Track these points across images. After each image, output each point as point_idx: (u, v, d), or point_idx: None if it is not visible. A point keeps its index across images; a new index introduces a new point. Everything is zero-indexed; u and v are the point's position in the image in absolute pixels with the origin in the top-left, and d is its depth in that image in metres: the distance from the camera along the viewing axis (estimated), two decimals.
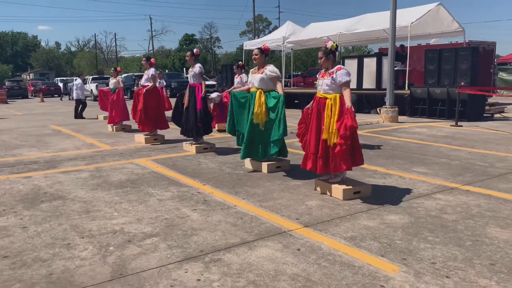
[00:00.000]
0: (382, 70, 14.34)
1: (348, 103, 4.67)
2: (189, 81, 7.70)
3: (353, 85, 15.04)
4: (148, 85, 8.79)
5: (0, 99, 28.20)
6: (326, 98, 4.87)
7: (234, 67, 10.66)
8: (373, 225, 4.02)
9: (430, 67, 12.96)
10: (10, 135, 10.81)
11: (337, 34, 15.85)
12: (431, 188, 5.25)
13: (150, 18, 69.16)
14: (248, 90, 6.34)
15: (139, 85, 9.11)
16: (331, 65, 4.95)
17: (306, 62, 56.80)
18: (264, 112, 5.87)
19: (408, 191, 5.15)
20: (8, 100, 29.75)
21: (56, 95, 36.72)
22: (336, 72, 4.83)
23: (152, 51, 71.10)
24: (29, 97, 36.84)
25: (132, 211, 4.49)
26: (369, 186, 5.05)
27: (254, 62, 6.14)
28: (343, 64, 15.64)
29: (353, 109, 4.64)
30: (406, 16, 13.81)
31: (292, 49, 21.34)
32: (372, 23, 15.29)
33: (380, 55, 14.87)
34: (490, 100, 14.62)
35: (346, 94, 4.74)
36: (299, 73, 29.02)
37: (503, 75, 23.61)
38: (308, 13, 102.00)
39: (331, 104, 4.81)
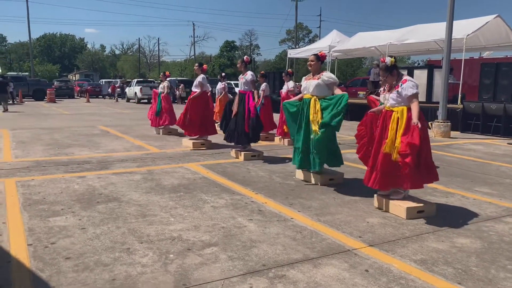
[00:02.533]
0: (433, 82, 13.86)
1: (414, 119, 4.44)
2: (240, 88, 7.63)
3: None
4: (196, 91, 8.79)
5: (49, 98, 29.24)
6: (393, 111, 4.66)
7: (283, 74, 10.57)
8: (443, 248, 3.77)
9: (485, 82, 12.42)
10: (62, 134, 11.08)
11: (387, 44, 15.49)
12: (499, 211, 4.92)
13: (193, 24, 70.46)
14: (301, 99, 6.18)
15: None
16: (395, 80, 4.74)
17: (346, 72, 56.20)
18: (320, 120, 5.70)
19: (474, 212, 4.85)
20: (56, 100, 30.83)
21: (100, 96, 37.80)
22: (401, 85, 4.62)
23: (193, 57, 72.20)
24: (75, 97, 38.07)
25: (188, 218, 4.41)
26: (434, 205, 4.78)
27: (310, 68, 6.00)
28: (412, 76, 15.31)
29: (419, 125, 4.40)
30: (462, 28, 13.32)
31: (337, 58, 21.06)
32: (423, 34, 14.85)
33: (431, 67, 14.41)
34: None
35: (414, 108, 4.52)
36: (340, 82, 28.60)
37: None
38: (349, 22, 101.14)
39: (397, 118, 4.59)
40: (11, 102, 27.23)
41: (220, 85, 13.04)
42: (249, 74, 7.48)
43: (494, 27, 13.93)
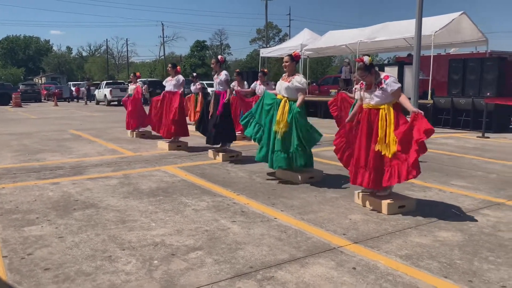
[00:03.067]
0: (404, 79, 14.11)
1: (412, 108, 4.50)
2: (215, 88, 7.56)
3: None
4: (176, 91, 8.66)
5: (15, 102, 28.30)
6: (379, 109, 4.68)
7: (260, 74, 10.57)
8: (426, 242, 3.81)
9: (454, 77, 12.74)
10: (31, 139, 10.72)
11: (357, 42, 15.68)
12: (476, 203, 5.03)
13: (162, 24, 69.33)
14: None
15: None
16: (374, 78, 4.77)
17: (316, 70, 56.73)
18: (285, 121, 5.73)
19: (452, 206, 4.94)
20: (22, 104, 29.88)
21: (69, 99, 36.83)
22: (384, 81, 4.65)
23: (163, 57, 71.36)
24: (43, 101, 37.03)
25: (169, 222, 4.32)
26: (414, 200, 4.84)
27: (285, 69, 5.99)
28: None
29: (421, 112, 4.47)
30: (429, 25, 13.59)
31: (308, 56, 21.18)
32: (393, 31, 15.11)
33: (401, 64, 14.66)
34: None
35: (404, 100, 4.58)
36: (312, 81, 28.78)
37: None
38: (319, 21, 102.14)
39: (385, 114, 4.62)
40: None
41: (196, 86, 12.93)
42: (223, 74, 7.42)
43: (461, 24, 14.31)
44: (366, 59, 4.76)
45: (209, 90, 29.59)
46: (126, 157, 8.05)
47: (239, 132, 9.27)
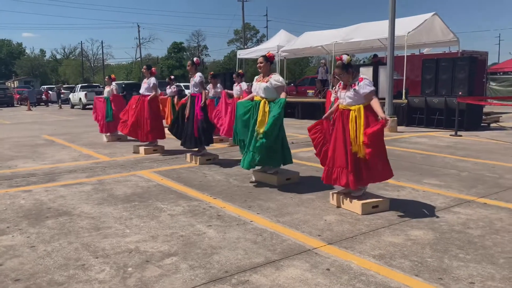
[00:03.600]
0: (379, 79, 14.33)
1: (381, 113, 4.56)
2: (191, 90, 7.53)
3: None
4: (148, 95, 8.59)
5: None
6: (350, 110, 4.75)
7: (234, 75, 10.52)
8: (398, 241, 3.88)
9: (427, 77, 12.99)
10: (2, 145, 10.48)
11: (332, 43, 15.85)
12: (447, 201, 5.14)
13: (138, 26, 68.72)
14: (252, 99, 6.19)
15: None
16: (351, 78, 4.84)
17: (294, 71, 57.05)
18: (267, 121, 5.73)
19: (425, 204, 5.04)
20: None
21: (43, 104, 36.01)
22: (358, 83, 4.72)
23: (139, 59, 70.63)
24: (15, 105, 36.20)
25: (144, 228, 4.28)
26: (387, 200, 4.92)
27: (259, 70, 6.01)
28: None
29: (388, 118, 4.54)
30: (402, 26, 13.84)
31: (285, 58, 21.30)
32: (367, 32, 15.32)
33: (376, 64, 14.88)
34: (485, 110, 14.69)
35: (375, 104, 4.63)
36: (289, 82, 28.93)
37: (492, 84, 23.91)
38: (296, 22, 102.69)
39: (355, 116, 4.68)
40: None
41: (171, 88, 12.87)
42: (197, 76, 7.40)
43: (433, 24, 14.61)
44: (345, 57, 4.82)
45: (187, 92, 29.49)
46: (101, 162, 7.94)
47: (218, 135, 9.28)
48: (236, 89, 10.17)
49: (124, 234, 4.13)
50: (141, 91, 8.75)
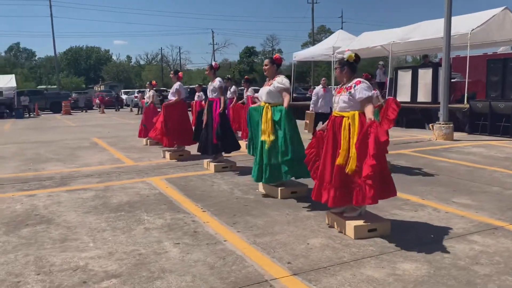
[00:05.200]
0: (439, 81, 13.09)
1: (369, 115, 3.91)
2: (209, 95, 7.24)
3: (407, 98, 13.97)
4: (173, 99, 8.46)
5: (64, 110, 29.60)
6: (343, 117, 4.15)
7: (243, 81, 10.35)
8: (378, 276, 3.24)
9: (493, 79, 11.61)
10: (49, 147, 10.95)
11: (389, 43, 14.82)
12: (469, 227, 4.33)
13: (212, 31, 70.45)
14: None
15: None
16: (347, 79, 4.24)
17: (359, 75, 54.79)
18: (271, 129, 5.25)
19: (439, 229, 4.27)
20: (73, 111, 31.23)
21: (95, 108, 36.95)
22: (354, 86, 4.11)
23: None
24: (94, 108, 38.53)
25: (109, 242, 4.02)
26: (388, 223, 4.22)
27: (265, 73, 5.56)
28: (396, 76, 14.61)
29: (376, 121, 3.89)
30: (466, 23, 12.53)
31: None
32: (428, 31, 14.09)
33: (436, 66, 13.63)
34: None
35: (368, 110, 3.99)
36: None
37: None
38: (373, 22, 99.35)
39: (349, 124, 4.08)
40: (27, 115, 27.81)
41: (199, 94, 12.71)
42: (217, 81, 7.08)
43: (504, 20, 13.06)
44: (347, 54, 4.24)
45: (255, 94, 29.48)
46: (123, 167, 7.92)
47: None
48: (245, 95, 9.93)
49: (85, 248, 3.90)
50: (169, 96, 8.63)
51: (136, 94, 32.58)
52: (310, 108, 10.05)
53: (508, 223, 4.43)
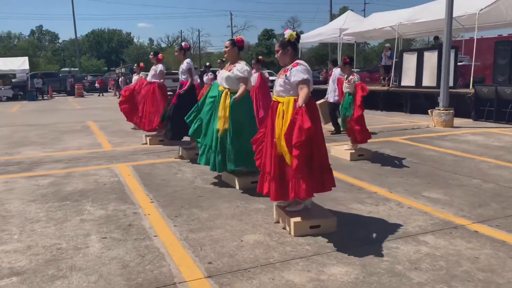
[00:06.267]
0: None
1: (300, 101, 3.56)
2: (179, 78, 6.94)
3: (411, 82, 13.36)
4: (155, 81, 8.20)
5: (77, 93, 29.79)
6: (279, 103, 3.81)
7: (253, 61, 9.51)
8: (298, 281, 2.93)
9: (500, 62, 10.92)
10: (39, 131, 10.89)
11: (396, 24, 14.15)
12: (426, 225, 3.95)
13: (231, 13, 69.66)
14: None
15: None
16: (289, 60, 3.87)
17: (372, 57, 53.42)
18: (227, 116, 4.93)
19: (392, 227, 3.92)
20: (87, 94, 31.39)
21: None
22: (291, 69, 3.75)
23: None
24: (109, 91, 38.70)
25: (34, 235, 3.82)
26: (334, 219, 3.88)
27: (225, 56, 5.21)
28: (401, 59, 13.96)
29: (303, 108, 3.51)
30: (475, 3, 11.79)
31: (355, 42, 19.69)
32: (436, 11, 13.32)
33: (441, 48, 12.91)
34: None
35: (301, 94, 3.62)
36: (362, 68, 26.89)
37: None
38: (398, 4, 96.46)
39: (283, 111, 3.74)
40: (41, 97, 28.09)
41: (208, 76, 12.42)
42: (185, 63, 6.78)
43: None
44: (287, 32, 3.87)
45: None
46: (99, 152, 7.73)
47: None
48: (254, 77, 9.31)
49: (7, 240, 3.71)
50: (148, 78, 8.38)
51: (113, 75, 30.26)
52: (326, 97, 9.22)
53: (472, 221, 4.03)
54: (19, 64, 27.72)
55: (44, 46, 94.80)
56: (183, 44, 6.97)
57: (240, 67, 5.03)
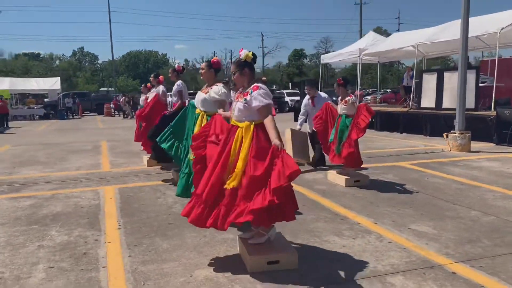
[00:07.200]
0: (467, 86, 11.85)
1: (273, 137, 3.32)
2: (172, 100, 6.82)
3: (431, 103, 12.83)
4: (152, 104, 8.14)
5: (106, 112, 30.46)
6: (238, 127, 3.57)
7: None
8: None
9: None
10: (49, 150, 11.04)
11: (416, 44, 13.70)
12: (401, 263, 3.57)
13: (262, 34, 70.28)
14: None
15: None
16: (247, 82, 3.65)
17: (391, 80, 52.59)
18: None
19: (361, 265, 3.56)
20: (115, 113, 32.04)
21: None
22: (251, 93, 3.52)
23: (267, 66, 71.97)
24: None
25: None
26: (294, 254, 3.56)
27: (201, 77, 5.03)
28: (421, 80, 13.47)
29: (282, 149, 3.27)
30: (495, 21, 11.25)
31: (379, 62, 19.24)
32: (457, 30, 12.81)
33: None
34: None
35: (269, 124, 3.39)
36: (389, 90, 26.30)
37: None
38: (433, 23, 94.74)
39: (242, 137, 3.49)
40: (71, 116, 28.92)
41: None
42: (175, 85, 6.67)
43: None
44: (243, 53, 3.66)
45: (287, 99, 28.77)
46: (94, 173, 7.68)
47: None
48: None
49: None
50: (149, 99, 8.33)
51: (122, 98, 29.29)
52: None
53: (454, 260, 3.62)
54: (51, 84, 28.71)
55: (84, 66, 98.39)
56: (176, 65, 6.88)
57: (216, 90, 4.83)
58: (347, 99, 6.40)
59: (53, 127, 20.17)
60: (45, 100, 29.84)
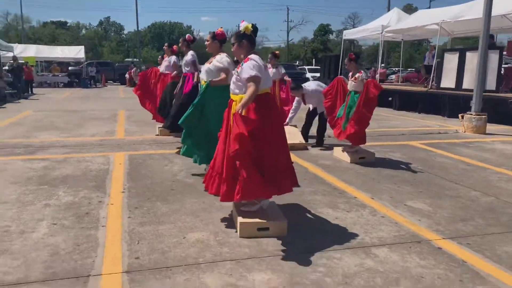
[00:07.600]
0: (489, 66, 11.55)
1: (238, 105, 3.41)
2: (183, 70, 6.90)
3: (451, 84, 12.57)
4: (168, 73, 8.25)
5: (128, 82, 30.80)
6: (233, 101, 3.67)
7: (270, 55, 9.09)
8: (213, 285, 2.80)
9: None
10: (68, 117, 11.35)
11: (439, 22, 13.34)
12: (389, 236, 3.65)
13: (287, 8, 69.10)
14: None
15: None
16: (245, 54, 3.70)
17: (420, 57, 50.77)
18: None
19: (349, 236, 3.65)
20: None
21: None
22: (242, 64, 3.59)
23: (292, 41, 71.05)
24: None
25: None
26: (284, 223, 3.67)
27: (207, 50, 5.08)
28: (442, 59, 13.16)
29: (241, 113, 3.37)
30: None
31: (402, 39, 18.80)
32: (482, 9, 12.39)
33: (492, 49, 12.01)
34: None
35: (246, 94, 3.46)
36: (411, 69, 25.65)
37: None
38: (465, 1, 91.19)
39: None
40: (94, 85, 29.37)
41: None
42: (189, 55, 6.72)
43: None
44: (243, 25, 3.71)
45: (308, 75, 28.53)
46: (108, 139, 7.91)
47: None
48: (270, 71, 9.08)
49: None
50: (161, 69, 8.44)
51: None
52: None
53: (442, 237, 3.68)
54: (75, 53, 29.11)
55: (110, 36, 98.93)
56: (186, 36, 6.94)
57: (219, 58, 4.89)
58: (356, 75, 6.36)
59: (76, 95, 20.59)
60: (69, 68, 30.31)
